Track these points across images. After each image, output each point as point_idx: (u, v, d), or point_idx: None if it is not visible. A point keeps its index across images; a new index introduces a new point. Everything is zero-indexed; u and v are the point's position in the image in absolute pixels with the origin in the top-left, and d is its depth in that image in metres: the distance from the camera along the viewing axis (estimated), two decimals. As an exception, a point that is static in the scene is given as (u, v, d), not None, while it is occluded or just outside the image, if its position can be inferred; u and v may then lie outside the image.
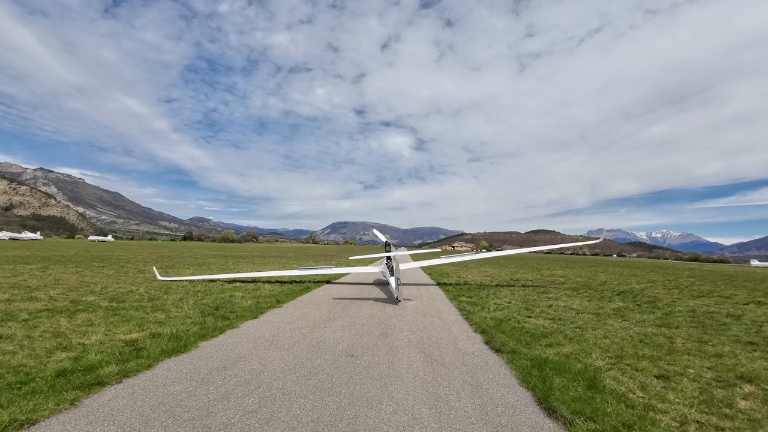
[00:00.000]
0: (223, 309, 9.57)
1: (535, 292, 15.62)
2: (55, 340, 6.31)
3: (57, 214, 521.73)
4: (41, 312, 8.60)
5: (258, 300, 11.23)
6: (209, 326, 7.65)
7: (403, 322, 9.00)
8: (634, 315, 10.95)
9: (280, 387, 4.65)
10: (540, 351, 6.48)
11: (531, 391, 4.73)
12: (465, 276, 22.71)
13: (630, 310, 11.85)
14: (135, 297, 11.21)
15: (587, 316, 10.43)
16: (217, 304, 10.20)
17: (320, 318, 9.13)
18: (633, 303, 13.50)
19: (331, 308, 10.56)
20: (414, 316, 9.68)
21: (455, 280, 20.15)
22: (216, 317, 8.61)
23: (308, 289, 14.45)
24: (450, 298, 13.12)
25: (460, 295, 13.87)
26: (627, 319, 10.20)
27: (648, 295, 16.22)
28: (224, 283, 15.29)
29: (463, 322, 9.13)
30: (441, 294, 14.47)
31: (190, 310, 9.44)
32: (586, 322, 9.64)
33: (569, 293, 15.62)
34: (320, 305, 10.99)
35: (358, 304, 11.38)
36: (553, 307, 11.94)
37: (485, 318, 9.44)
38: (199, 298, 11.29)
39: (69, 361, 5.24)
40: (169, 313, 9.02)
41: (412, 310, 10.70)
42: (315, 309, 10.32)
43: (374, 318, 9.35)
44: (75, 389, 4.19)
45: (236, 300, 11.04)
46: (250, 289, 13.64)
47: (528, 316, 10.10)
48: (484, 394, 4.61)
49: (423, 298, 13.09)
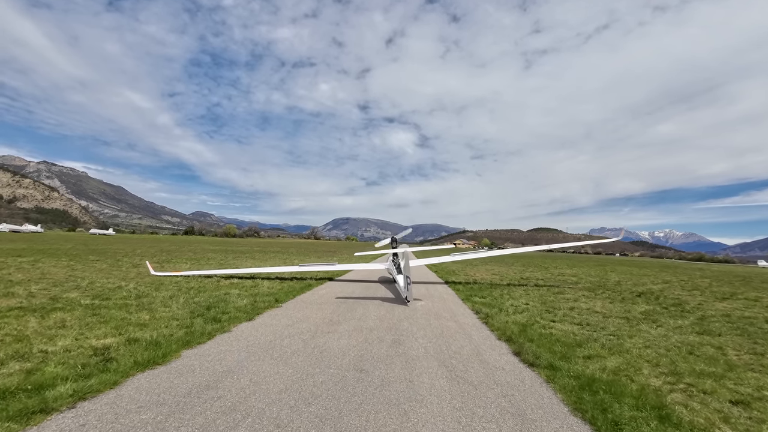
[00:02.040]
0: (216, 309, 8.64)
1: (550, 293, 14.64)
2: (14, 347, 5.38)
3: (60, 207, 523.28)
4: (12, 311, 7.68)
5: (255, 299, 10.29)
6: (197, 330, 6.72)
7: (415, 326, 8.05)
8: (666, 320, 9.97)
9: (274, 416, 3.69)
10: (581, 366, 5.50)
11: (590, 424, 3.75)
12: (473, 274, 21.74)
13: (659, 314, 10.87)
14: (122, 294, 10.30)
15: (616, 321, 9.45)
16: (209, 303, 9.27)
17: (323, 321, 8.18)
18: (658, 306, 12.51)
19: (335, 309, 9.62)
20: (427, 320, 8.73)
21: (464, 278, 19.19)
22: (206, 319, 7.66)
23: (310, 286, 13.51)
24: (462, 299, 12.16)
25: (473, 295, 12.91)
26: (661, 325, 9.22)
27: (670, 297, 15.21)
28: (221, 280, 14.38)
29: (483, 327, 8.17)
30: (451, 294, 13.51)
31: (179, 310, 8.51)
32: (617, 328, 8.66)
33: (587, 294, 14.64)
34: (323, 305, 10.05)
35: (364, 305, 10.44)
36: (576, 309, 10.97)
37: (506, 322, 8.47)
38: (191, 296, 10.37)
39: (19, 375, 4.30)
40: (154, 314, 8.10)
41: (424, 312, 9.75)
42: (317, 310, 9.37)
43: (383, 321, 8.40)
44: (7, 420, 3.25)
45: (231, 299, 10.11)
46: (247, 287, 12.72)
47: (552, 321, 9.13)
48: (534, 430, 3.63)
49: (433, 298, 12.13)
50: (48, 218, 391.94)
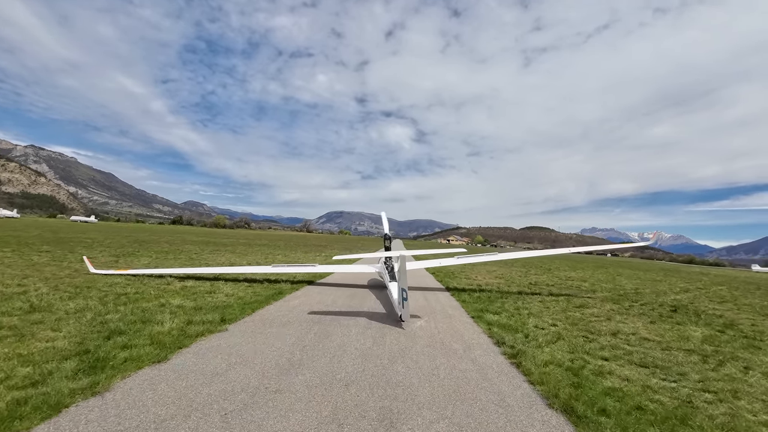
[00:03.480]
0: (122, 337, 5.91)
1: (572, 305, 12.17)
2: None
3: (47, 193, 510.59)
4: None
5: (194, 316, 7.48)
6: (52, 389, 4.02)
7: (416, 373, 5.41)
8: (744, 354, 7.53)
9: None
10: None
11: None
12: (474, 277, 19.23)
13: (724, 343, 8.45)
14: (15, 304, 7.53)
15: (686, 358, 6.95)
16: (120, 326, 6.52)
17: (276, 362, 5.48)
18: (710, 328, 10.09)
19: (303, 335, 6.93)
20: (432, 358, 6.10)
21: (465, 282, 16.65)
22: (88, 362, 4.92)
23: (281, 294, 10.77)
24: (472, 316, 9.57)
25: (484, 310, 10.32)
26: (749, 366, 6.75)
27: (710, 313, 12.86)
28: (172, 281, 11.62)
29: (515, 374, 5.57)
30: (456, 306, 10.93)
31: (72, 337, 5.80)
32: (699, 372, 6.17)
33: (615, 308, 12.18)
34: (287, 328, 7.35)
35: (345, 326, 7.78)
36: (621, 335, 8.47)
37: (545, 364, 5.90)
38: (108, 310, 7.63)
39: None
40: (28, 343, 5.40)
41: (426, 341, 7.12)
42: (276, 337, 6.67)
43: (368, 361, 5.76)
44: None
45: (159, 316, 7.35)
46: (199, 293, 10.00)
47: (603, 358, 6.59)
48: None
49: (435, 315, 9.53)
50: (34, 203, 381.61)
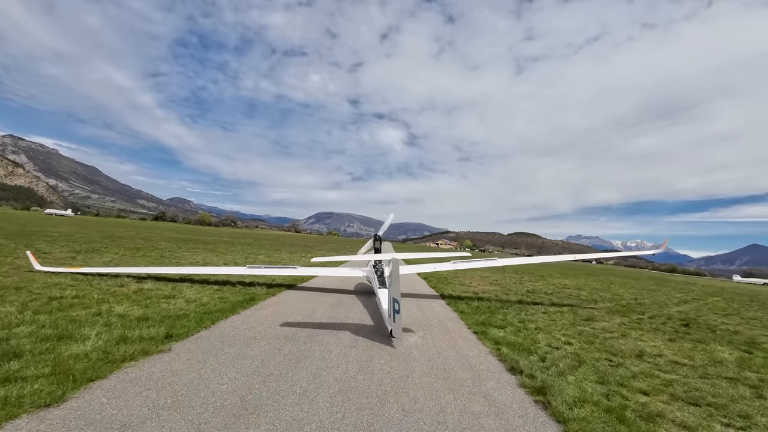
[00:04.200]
0: (21, 360, 4.37)
1: (579, 318, 11.02)
2: None
3: (24, 185, 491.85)
4: None
5: (130, 331, 5.89)
6: None
7: (415, 421, 4.00)
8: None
9: None
10: None
11: None
12: (468, 283, 18.02)
13: (763, 368, 7.37)
14: None
15: (741, 392, 5.78)
16: (31, 341, 4.97)
17: (221, 408, 3.90)
18: (735, 347, 9.07)
19: (268, 358, 5.47)
20: (435, 395, 4.70)
21: (461, 289, 15.41)
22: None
23: (251, 301, 9.24)
24: (474, 330, 8.24)
25: (486, 322, 9.02)
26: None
27: (720, 327, 11.91)
28: (129, 283, 10.01)
29: (545, 421, 4.22)
30: (454, 317, 9.63)
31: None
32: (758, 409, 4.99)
33: (625, 322, 11.07)
34: (250, 348, 5.86)
35: (324, 345, 6.36)
36: (646, 357, 7.30)
37: (578, 403, 4.60)
38: (24, 319, 6.02)
39: None
40: None
41: (424, 365, 5.75)
42: (233, 362, 5.17)
43: (350, 401, 4.34)
44: None
45: (88, 330, 5.76)
46: (153, 299, 8.45)
47: (642, 392, 5.35)
48: None
49: (432, 328, 8.19)
50: (10, 195, 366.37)
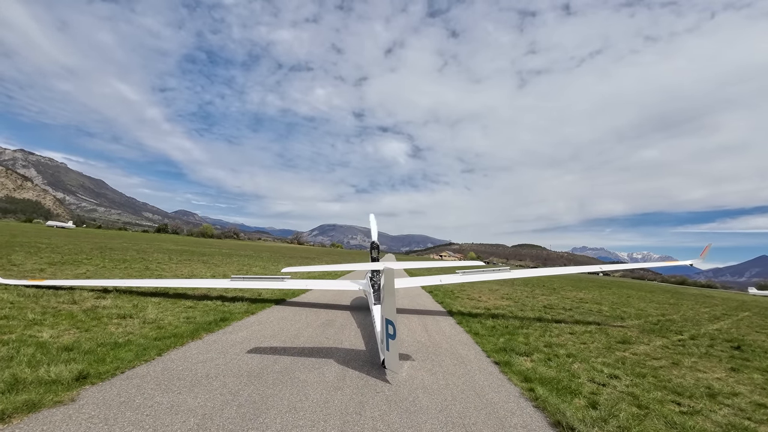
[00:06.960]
0: None
1: (613, 341, 9.38)
2: None
3: (33, 198, 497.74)
4: None
5: (32, 369, 4.42)
6: None
7: None
8: None
9: None
10: None
11: None
12: (478, 297, 16.39)
13: None
14: None
15: None
16: None
17: None
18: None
19: (213, 412, 3.92)
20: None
21: (470, 305, 13.80)
22: None
23: (223, 321, 7.70)
24: (495, 360, 6.65)
25: (507, 348, 7.41)
26: None
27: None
28: (84, 299, 8.58)
29: None
30: (467, 341, 8.04)
31: None
32: None
33: (668, 345, 9.41)
34: (193, 393, 4.30)
35: (301, 384, 4.82)
36: (720, 397, 5.69)
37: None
38: None
39: None
40: None
41: (434, 418, 4.16)
42: (159, 421, 3.66)
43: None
44: None
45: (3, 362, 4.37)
46: (103, 319, 7.00)
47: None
48: None
49: (441, 357, 6.62)
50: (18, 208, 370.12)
